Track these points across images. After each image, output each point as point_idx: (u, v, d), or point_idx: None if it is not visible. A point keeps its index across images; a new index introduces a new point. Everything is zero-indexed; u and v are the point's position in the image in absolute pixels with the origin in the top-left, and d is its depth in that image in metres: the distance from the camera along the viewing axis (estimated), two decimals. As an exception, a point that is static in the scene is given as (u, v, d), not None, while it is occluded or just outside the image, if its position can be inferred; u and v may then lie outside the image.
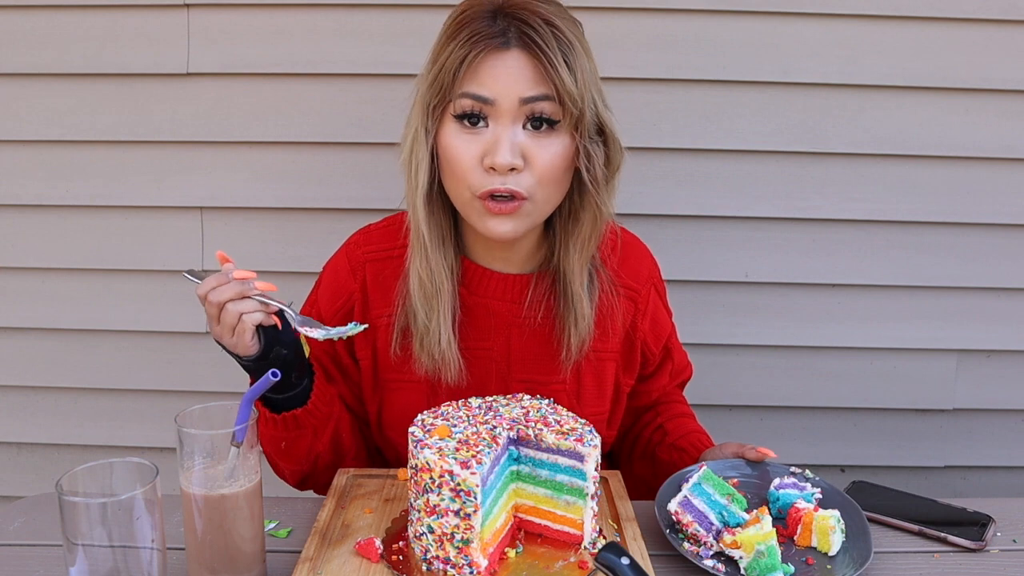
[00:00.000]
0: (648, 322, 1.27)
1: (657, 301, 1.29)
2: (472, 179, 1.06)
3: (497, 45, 1.03)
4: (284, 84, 1.66)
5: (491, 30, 1.04)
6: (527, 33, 1.03)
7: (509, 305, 1.19)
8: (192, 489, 0.91)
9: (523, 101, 1.03)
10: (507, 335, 1.20)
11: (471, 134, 1.05)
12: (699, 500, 1.04)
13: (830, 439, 1.83)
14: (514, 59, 1.03)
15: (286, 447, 1.14)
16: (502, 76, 1.03)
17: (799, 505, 1.06)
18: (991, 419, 1.82)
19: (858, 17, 1.63)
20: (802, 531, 1.04)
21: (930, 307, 1.76)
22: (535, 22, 1.03)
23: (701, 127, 1.67)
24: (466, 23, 1.05)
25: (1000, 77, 1.65)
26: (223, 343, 1.04)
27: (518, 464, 1.01)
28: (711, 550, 1.02)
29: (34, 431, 1.84)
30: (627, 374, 1.28)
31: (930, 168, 1.69)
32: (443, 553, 0.93)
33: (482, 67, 1.04)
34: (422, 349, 1.15)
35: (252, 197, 1.71)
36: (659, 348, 1.30)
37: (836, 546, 1.02)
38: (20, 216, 1.73)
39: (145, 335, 1.78)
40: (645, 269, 1.28)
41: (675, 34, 1.64)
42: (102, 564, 0.82)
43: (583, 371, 1.22)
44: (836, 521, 1.03)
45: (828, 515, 1.03)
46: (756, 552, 0.97)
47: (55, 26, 1.64)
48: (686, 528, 1.03)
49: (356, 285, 1.20)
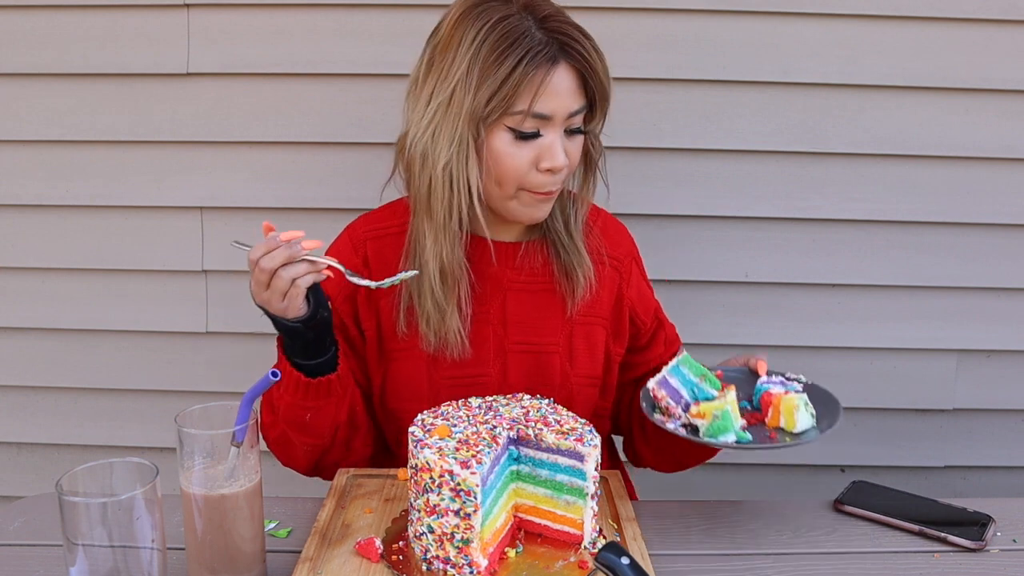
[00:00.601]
0: (634, 292, 1.32)
1: (640, 276, 1.35)
2: (527, 180, 1.14)
3: (548, 61, 1.09)
4: (284, 84, 1.66)
5: (540, 47, 1.09)
6: (571, 46, 1.10)
7: (505, 270, 1.24)
8: (192, 489, 0.91)
9: (570, 114, 1.13)
10: (503, 298, 1.24)
11: (525, 142, 1.13)
12: (675, 379, 1.13)
13: (830, 439, 1.81)
14: (562, 74, 1.11)
15: (311, 418, 1.14)
16: (555, 94, 1.11)
17: (772, 391, 1.13)
18: (991, 419, 1.82)
19: (858, 17, 1.63)
20: (772, 413, 1.11)
21: (930, 307, 1.76)
22: (573, 33, 1.11)
23: (701, 127, 1.67)
24: (514, 40, 1.09)
25: (1000, 77, 1.65)
26: (269, 308, 1.06)
27: (518, 464, 1.01)
28: (679, 420, 1.11)
29: (34, 431, 1.84)
30: (617, 342, 1.31)
31: (930, 168, 1.69)
32: (443, 553, 0.93)
33: (540, 86, 1.10)
34: (428, 328, 1.19)
35: (252, 197, 1.71)
36: (650, 318, 1.34)
37: (800, 424, 1.09)
38: (20, 216, 1.73)
39: (145, 335, 1.78)
40: (626, 242, 1.34)
41: (675, 34, 1.64)
42: (102, 564, 0.82)
43: (574, 334, 1.26)
44: (803, 403, 1.09)
45: (795, 396, 1.10)
46: (713, 417, 1.06)
47: (55, 26, 1.64)
48: (660, 402, 1.12)
49: (359, 260, 1.24)
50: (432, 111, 1.12)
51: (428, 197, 1.14)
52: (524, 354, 1.24)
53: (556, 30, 1.10)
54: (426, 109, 1.13)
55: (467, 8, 1.12)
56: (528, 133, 1.12)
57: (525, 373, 1.24)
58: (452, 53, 1.11)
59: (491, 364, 1.23)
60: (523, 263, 1.25)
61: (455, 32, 1.11)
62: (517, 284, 1.25)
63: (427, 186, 1.14)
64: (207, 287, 1.75)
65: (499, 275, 1.24)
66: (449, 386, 1.21)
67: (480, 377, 1.22)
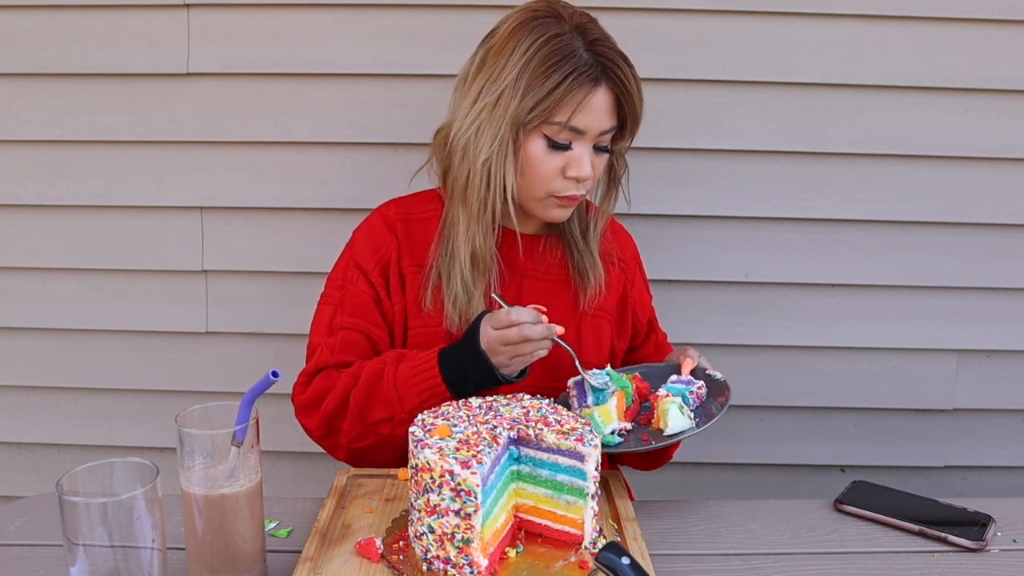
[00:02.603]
0: (636, 292, 1.41)
1: (641, 278, 1.44)
2: (553, 185, 1.23)
3: (590, 81, 1.18)
4: (284, 84, 1.66)
5: (585, 68, 1.18)
6: (613, 71, 1.19)
7: (525, 259, 1.32)
8: (192, 489, 0.91)
9: (602, 132, 1.22)
10: (519, 284, 1.32)
11: (557, 151, 1.21)
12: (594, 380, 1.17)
13: (830, 439, 1.83)
14: (602, 95, 1.20)
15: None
16: (592, 112, 1.19)
17: (659, 393, 1.17)
18: (991, 419, 1.82)
19: (858, 17, 1.63)
20: (656, 416, 1.15)
21: (930, 307, 1.76)
22: (616, 60, 1.20)
23: (701, 127, 1.67)
24: (564, 57, 1.17)
25: (1000, 77, 1.65)
26: (495, 359, 1.14)
27: (518, 464, 1.01)
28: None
29: (34, 431, 1.84)
30: (620, 338, 1.39)
31: (930, 168, 1.69)
32: (443, 553, 0.93)
33: (580, 103, 1.18)
34: (454, 309, 1.26)
35: (252, 197, 1.71)
36: (645, 319, 1.43)
37: (672, 426, 1.12)
38: (20, 216, 1.73)
39: (145, 335, 1.78)
40: (631, 246, 1.44)
41: (675, 34, 1.64)
42: (102, 564, 0.82)
43: (583, 327, 1.33)
44: (676, 406, 1.12)
45: (667, 400, 1.13)
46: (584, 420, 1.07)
47: (55, 26, 1.64)
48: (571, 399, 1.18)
49: (392, 239, 1.31)
50: (479, 109, 1.21)
51: (465, 188, 1.23)
52: None
53: (602, 54, 1.19)
54: (472, 106, 1.21)
55: (525, 20, 1.20)
56: (562, 144, 1.21)
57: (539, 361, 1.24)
58: (504, 59, 1.19)
59: None
60: (544, 254, 1.33)
61: (510, 40, 1.20)
62: (535, 272, 1.33)
63: (465, 178, 1.23)
64: (207, 287, 1.75)
65: (519, 263, 1.32)
66: None
67: None
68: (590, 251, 1.33)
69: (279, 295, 1.74)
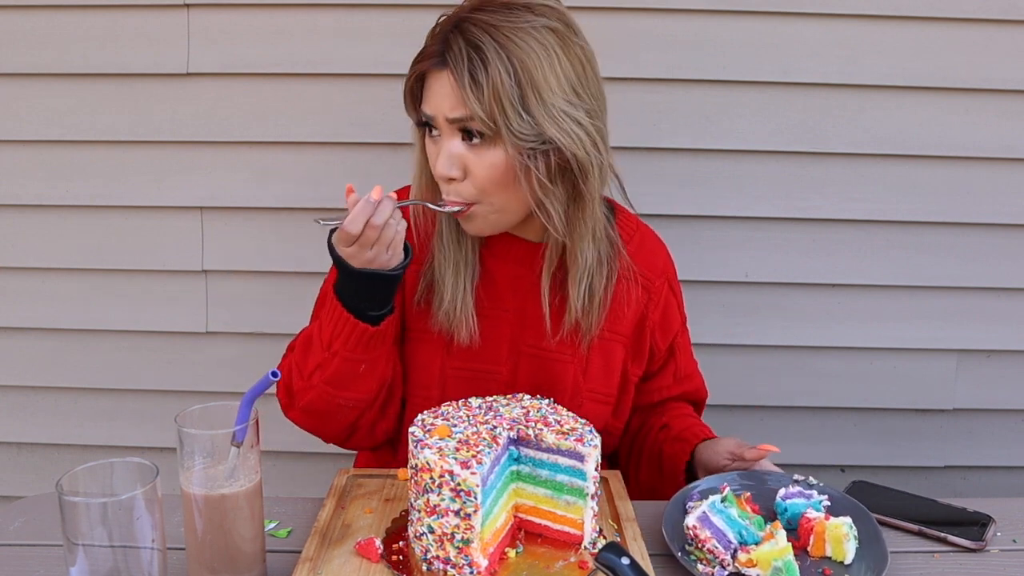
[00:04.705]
0: (659, 314, 1.29)
1: (670, 297, 1.31)
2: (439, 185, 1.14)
3: (436, 64, 1.08)
4: (284, 84, 1.66)
5: (435, 48, 1.09)
6: (449, 54, 1.07)
7: (527, 271, 1.23)
8: (192, 489, 0.91)
9: (449, 121, 1.09)
10: (523, 300, 1.23)
11: (432, 141, 1.13)
12: (718, 518, 1.00)
13: (830, 439, 1.83)
14: (444, 79, 1.08)
15: (364, 370, 1.13)
16: (435, 96, 1.09)
17: (809, 515, 1.03)
18: (991, 419, 1.82)
19: (858, 17, 1.63)
20: (815, 541, 1.02)
21: (930, 307, 1.76)
22: (463, 41, 1.06)
23: (701, 127, 1.67)
24: (428, 37, 1.11)
25: (1000, 77, 1.65)
26: (373, 265, 1.06)
27: (518, 464, 1.01)
28: (726, 570, 0.97)
29: (34, 431, 1.84)
30: (635, 363, 1.29)
31: (930, 168, 1.69)
32: (443, 553, 0.93)
33: (427, 85, 1.10)
34: (439, 307, 1.20)
35: (252, 197, 1.71)
36: (665, 344, 1.31)
37: (851, 554, 1.00)
38: (20, 216, 1.73)
39: (145, 335, 1.78)
40: (660, 262, 1.31)
41: (675, 34, 1.64)
42: (102, 564, 0.82)
43: (592, 349, 1.24)
44: (849, 528, 1.01)
45: (840, 523, 1.01)
46: (773, 569, 0.94)
47: (55, 26, 1.64)
48: (703, 544, 0.98)
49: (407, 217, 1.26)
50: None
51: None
52: (536, 358, 1.23)
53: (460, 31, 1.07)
54: None
55: None
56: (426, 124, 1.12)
57: (535, 377, 1.23)
58: None
59: (503, 363, 1.23)
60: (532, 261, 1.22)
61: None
62: (538, 287, 1.21)
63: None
64: (207, 287, 1.75)
65: (522, 275, 1.23)
66: (458, 377, 1.21)
67: (490, 374, 1.22)
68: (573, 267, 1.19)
69: (279, 295, 1.74)
